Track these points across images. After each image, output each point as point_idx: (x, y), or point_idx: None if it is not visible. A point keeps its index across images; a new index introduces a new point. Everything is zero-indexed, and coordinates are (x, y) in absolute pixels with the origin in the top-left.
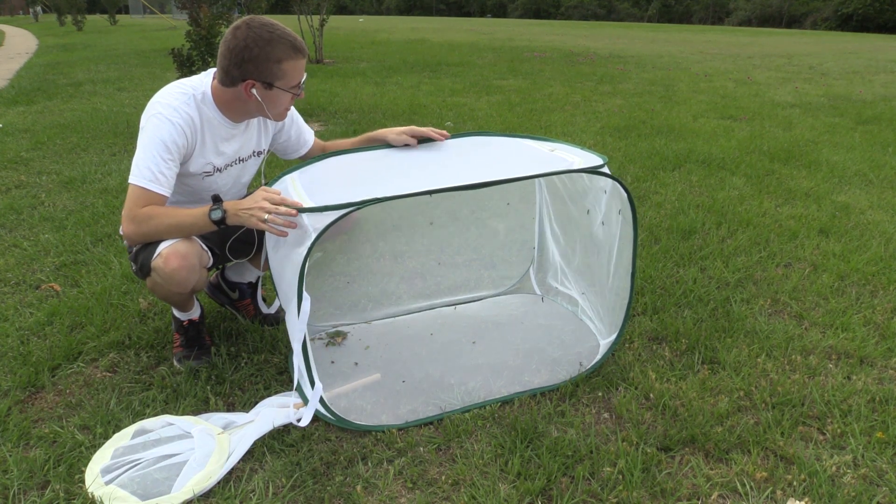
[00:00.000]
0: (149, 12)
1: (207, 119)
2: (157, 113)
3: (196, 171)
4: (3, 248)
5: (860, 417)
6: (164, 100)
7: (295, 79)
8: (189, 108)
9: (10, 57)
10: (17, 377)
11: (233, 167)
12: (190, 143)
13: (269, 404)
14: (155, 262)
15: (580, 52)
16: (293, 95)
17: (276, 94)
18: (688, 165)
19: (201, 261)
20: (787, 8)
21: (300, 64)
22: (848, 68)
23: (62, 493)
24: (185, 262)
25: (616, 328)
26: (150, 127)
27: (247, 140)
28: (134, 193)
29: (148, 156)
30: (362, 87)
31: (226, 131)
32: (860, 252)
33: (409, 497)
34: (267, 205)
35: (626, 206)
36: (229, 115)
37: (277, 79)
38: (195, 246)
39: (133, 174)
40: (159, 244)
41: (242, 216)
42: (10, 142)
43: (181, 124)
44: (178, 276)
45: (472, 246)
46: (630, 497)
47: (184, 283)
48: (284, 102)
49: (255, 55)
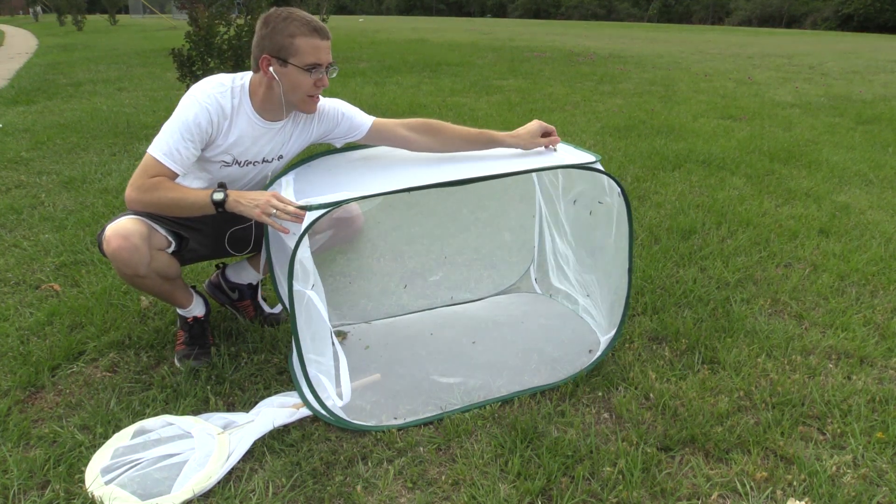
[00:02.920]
0: (149, 12)
1: (240, 110)
2: (192, 94)
3: (213, 157)
4: (3, 248)
5: (860, 417)
6: (203, 86)
7: (310, 57)
8: (222, 97)
9: (10, 57)
10: (17, 377)
11: (254, 166)
12: (214, 128)
13: (269, 404)
14: (103, 246)
15: (580, 52)
16: (314, 81)
17: (292, 74)
18: (688, 165)
19: (152, 242)
20: (787, 8)
21: (316, 43)
22: (848, 68)
23: (62, 493)
24: (125, 243)
25: (615, 325)
26: (180, 107)
27: (277, 142)
28: (146, 162)
29: (169, 132)
30: (362, 87)
31: (255, 128)
32: (860, 252)
33: (409, 497)
34: (275, 201)
35: (621, 202)
36: (261, 111)
37: (291, 55)
38: (140, 226)
39: (152, 145)
40: (107, 225)
41: (245, 205)
42: (10, 142)
43: (209, 108)
44: (119, 256)
45: (472, 246)
46: (630, 497)
47: (128, 264)
48: (304, 86)
49: (270, 30)
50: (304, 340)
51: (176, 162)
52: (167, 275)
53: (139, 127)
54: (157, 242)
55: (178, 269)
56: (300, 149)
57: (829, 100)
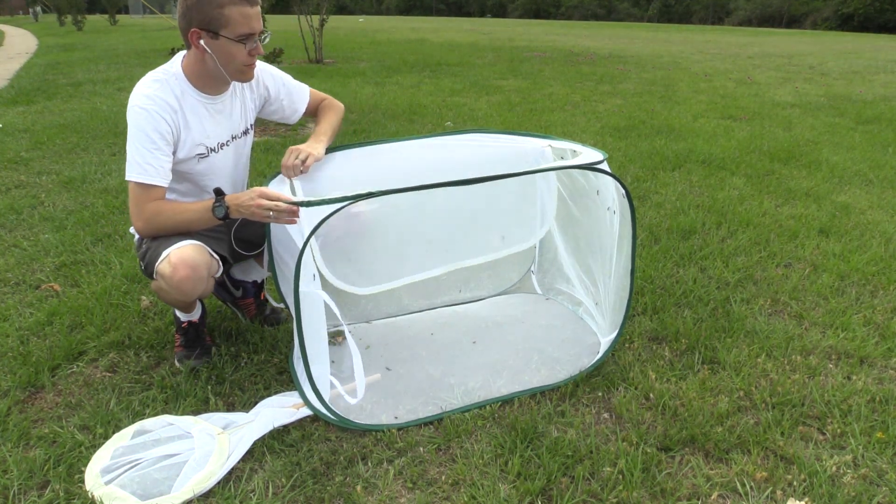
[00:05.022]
0: (148, 12)
1: (185, 98)
2: (133, 105)
3: (188, 155)
4: (3, 248)
5: (860, 417)
6: (139, 90)
7: (242, 27)
8: (163, 92)
9: (10, 57)
10: (17, 377)
11: (228, 146)
12: (174, 126)
13: (269, 404)
14: (161, 267)
15: (580, 52)
16: (249, 51)
17: (224, 46)
18: (688, 165)
19: (210, 270)
20: (787, 8)
21: (246, 11)
22: (848, 68)
23: (62, 493)
24: (193, 273)
25: (616, 326)
26: (130, 121)
27: (234, 116)
28: (132, 190)
29: (133, 149)
30: (362, 87)
31: (207, 108)
32: (860, 252)
33: (409, 497)
34: (264, 201)
35: (624, 204)
36: (204, 88)
37: (221, 26)
38: (205, 255)
39: (127, 171)
40: (167, 246)
41: (244, 210)
42: (10, 142)
43: (157, 111)
44: (185, 286)
45: (473, 246)
46: (630, 497)
47: (190, 293)
48: (238, 56)
49: (197, 1)
50: (309, 339)
51: (153, 176)
52: (204, 296)
53: None
54: (214, 269)
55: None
56: (254, 116)
57: (829, 100)
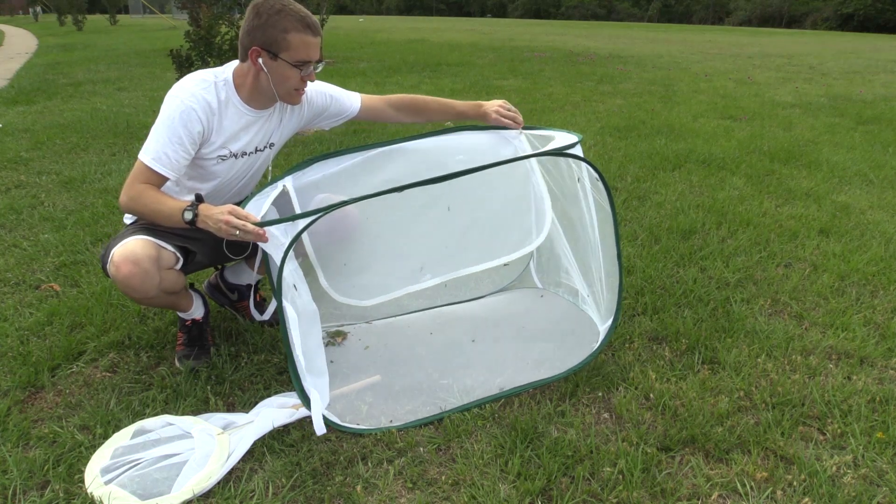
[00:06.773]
0: (149, 12)
1: (227, 104)
2: (174, 95)
3: (210, 154)
4: (3, 248)
5: (860, 417)
6: (184, 84)
7: (301, 54)
8: (208, 92)
9: (10, 57)
10: (17, 377)
11: (249, 156)
12: (206, 127)
13: (269, 404)
14: (109, 270)
15: (580, 52)
16: (302, 76)
17: (281, 68)
18: (688, 165)
19: (161, 263)
20: (787, 8)
21: (308, 40)
22: (848, 68)
23: (62, 493)
24: (136, 268)
25: (612, 313)
26: (166, 107)
27: (268, 130)
28: (137, 168)
29: (157, 134)
30: (362, 87)
31: (245, 119)
32: (860, 252)
33: (409, 497)
34: (233, 219)
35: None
36: (249, 101)
37: (282, 49)
38: (149, 247)
39: (142, 150)
40: (114, 246)
41: (211, 223)
42: (10, 142)
43: (195, 108)
44: (132, 281)
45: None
46: (630, 497)
47: (140, 288)
48: (292, 80)
49: (262, 22)
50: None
51: (165, 166)
52: (174, 290)
53: (139, 127)
54: (166, 261)
55: (184, 281)
56: (290, 134)
57: (830, 100)
